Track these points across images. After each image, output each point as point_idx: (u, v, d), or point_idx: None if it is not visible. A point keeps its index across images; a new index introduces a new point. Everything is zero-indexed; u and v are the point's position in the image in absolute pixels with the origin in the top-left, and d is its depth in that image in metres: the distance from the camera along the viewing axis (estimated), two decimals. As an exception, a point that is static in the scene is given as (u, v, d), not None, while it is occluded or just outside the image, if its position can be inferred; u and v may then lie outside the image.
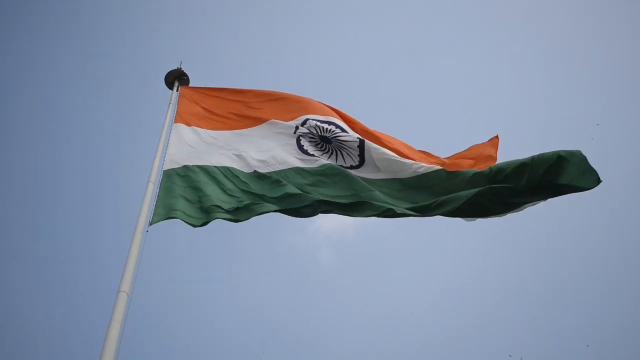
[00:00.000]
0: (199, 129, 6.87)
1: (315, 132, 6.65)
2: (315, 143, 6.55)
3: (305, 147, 6.49)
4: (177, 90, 7.61)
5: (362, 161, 6.34)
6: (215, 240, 18.11)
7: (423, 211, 5.49)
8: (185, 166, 6.05)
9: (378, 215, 5.53)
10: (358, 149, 6.42)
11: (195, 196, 5.65)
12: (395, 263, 18.65)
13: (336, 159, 6.37)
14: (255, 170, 6.10)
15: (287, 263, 19.14)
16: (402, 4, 23.40)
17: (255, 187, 5.88)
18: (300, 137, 6.60)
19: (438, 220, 5.73)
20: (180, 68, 7.91)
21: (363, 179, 6.00)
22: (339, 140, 6.54)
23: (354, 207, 5.66)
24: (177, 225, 5.39)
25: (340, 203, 5.68)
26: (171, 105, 7.24)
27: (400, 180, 6.05)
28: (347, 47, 23.77)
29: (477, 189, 5.28)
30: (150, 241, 5.05)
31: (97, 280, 15.69)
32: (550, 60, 22.02)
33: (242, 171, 6.12)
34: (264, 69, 21.27)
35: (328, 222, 21.42)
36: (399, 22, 23.22)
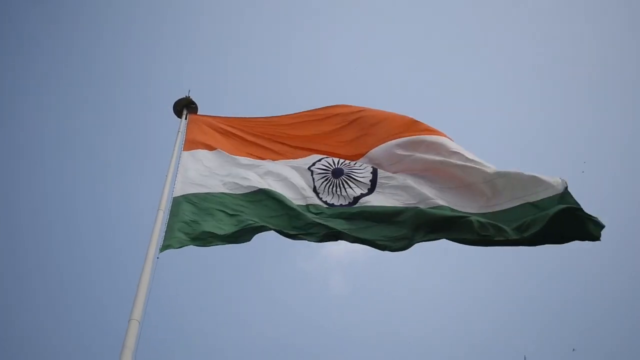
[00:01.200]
0: (214, 151, 6.92)
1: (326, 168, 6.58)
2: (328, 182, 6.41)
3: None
4: (185, 119, 7.66)
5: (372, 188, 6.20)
6: (226, 267, 18.12)
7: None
8: (196, 193, 6.08)
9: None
10: (371, 175, 6.31)
11: (203, 220, 5.67)
12: (404, 285, 18.60)
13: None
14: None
15: (299, 288, 19.10)
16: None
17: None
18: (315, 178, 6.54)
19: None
20: (189, 96, 7.96)
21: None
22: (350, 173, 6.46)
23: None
24: (187, 251, 5.43)
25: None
26: (180, 133, 7.28)
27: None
28: (358, 61, 24.01)
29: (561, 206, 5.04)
30: (162, 268, 5.10)
31: (109, 308, 15.70)
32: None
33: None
34: (274, 94, 21.45)
35: (337, 245, 21.39)
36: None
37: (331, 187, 6.27)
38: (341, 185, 6.26)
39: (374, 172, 6.33)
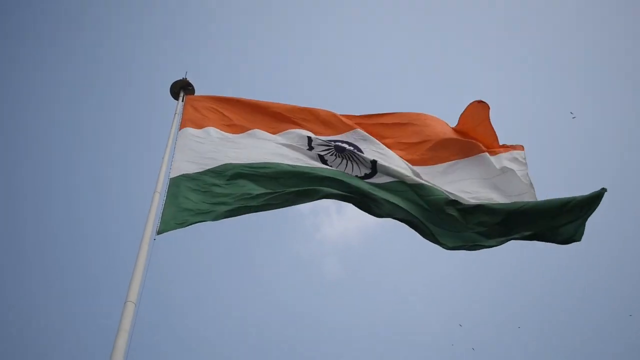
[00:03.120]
0: (210, 128, 6.87)
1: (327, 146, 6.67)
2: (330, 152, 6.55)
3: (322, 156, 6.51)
4: (182, 101, 7.58)
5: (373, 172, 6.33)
6: (222, 249, 18.12)
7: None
8: (196, 172, 5.99)
9: None
10: (370, 164, 6.40)
11: (207, 197, 5.64)
12: (398, 268, 18.68)
13: (345, 168, 6.37)
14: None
15: (294, 270, 19.15)
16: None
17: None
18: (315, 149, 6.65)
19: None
20: (186, 78, 7.88)
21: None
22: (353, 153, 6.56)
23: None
24: (185, 234, 5.39)
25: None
26: (177, 115, 7.20)
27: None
28: (356, 53, 23.95)
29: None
30: (158, 250, 5.07)
31: (105, 290, 15.72)
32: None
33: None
34: (271, 77, 21.36)
35: (333, 230, 21.43)
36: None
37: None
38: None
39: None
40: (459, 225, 5.73)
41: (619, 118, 20.53)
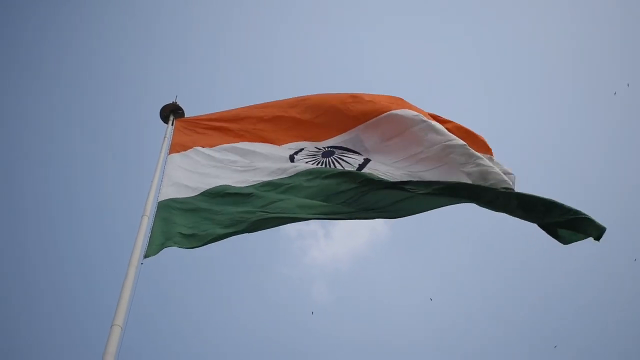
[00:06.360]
0: (199, 148, 6.90)
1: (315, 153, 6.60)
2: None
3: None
4: (172, 125, 7.64)
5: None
6: (210, 272, 18.03)
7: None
8: (185, 197, 6.01)
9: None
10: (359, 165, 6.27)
11: (195, 220, 5.63)
12: (388, 294, 18.61)
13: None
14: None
15: (282, 295, 19.05)
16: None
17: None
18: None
19: (433, 248, 5.76)
20: (175, 102, 7.94)
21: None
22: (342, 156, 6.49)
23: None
24: (172, 258, 5.40)
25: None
26: (166, 139, 7.25)
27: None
28: (346, 65, 24.14)
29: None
30: (145, 273, 5.08)
31: (92, 313, 15.58)
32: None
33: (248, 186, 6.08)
34: (263, 99, 21.44)
35: (321, 254, 21.40)
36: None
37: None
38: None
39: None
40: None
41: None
